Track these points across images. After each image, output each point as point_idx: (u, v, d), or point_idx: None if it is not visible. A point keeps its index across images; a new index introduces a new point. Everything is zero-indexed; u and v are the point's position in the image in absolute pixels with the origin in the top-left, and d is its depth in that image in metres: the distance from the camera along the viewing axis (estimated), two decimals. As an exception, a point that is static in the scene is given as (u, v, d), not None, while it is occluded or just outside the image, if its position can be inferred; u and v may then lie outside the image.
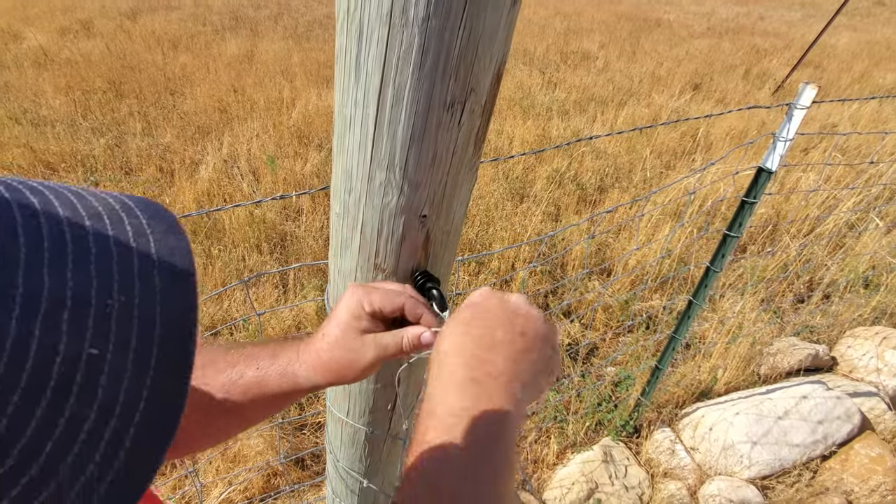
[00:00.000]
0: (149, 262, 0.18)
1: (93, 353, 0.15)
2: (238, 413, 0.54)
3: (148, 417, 0.16)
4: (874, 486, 1.77)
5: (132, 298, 0.16)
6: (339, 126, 0.50)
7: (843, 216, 2.92)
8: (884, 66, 6.48)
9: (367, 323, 0.50)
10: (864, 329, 2.41)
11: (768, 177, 1.29)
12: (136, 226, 0.18)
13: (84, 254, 0.16)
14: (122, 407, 0.15)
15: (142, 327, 0.16)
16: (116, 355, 0.15)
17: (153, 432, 0.16)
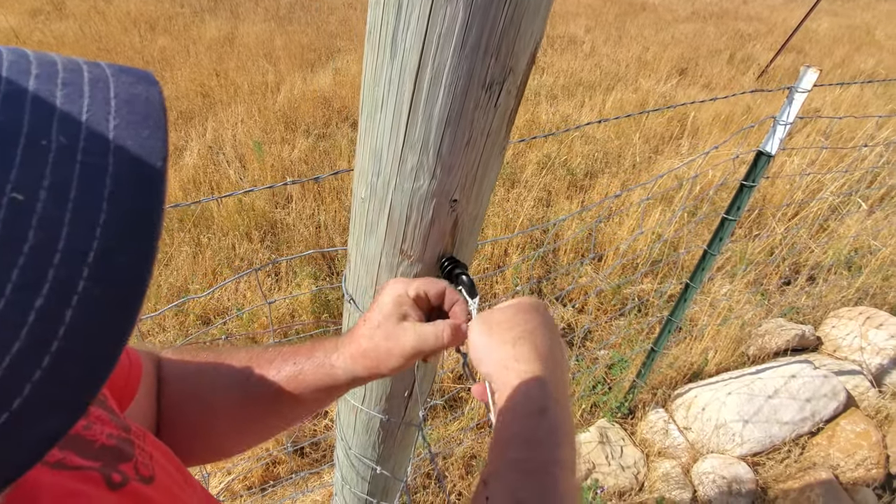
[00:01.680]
0: (104, 103, 0.15)
1: (16, 199, 0.13)
2: (276, 411, 0.53)
3: (98, 281, 0.13)
4: (859, 460, 1.83)
5: (76, 141, 0.14)
6: (368, 106, 0.48)
7: (828, 200, 2.98)
8: (864, 51, 6.58)
9: (409, 309, 0.49)
10: (848, 309, 2.47)
11: (767, 160, 1.30)
12: (96, 73, 0.16)
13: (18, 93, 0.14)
14: (59, 268, 0.13)
15: (86, 174, 0.14)
16: (48, 206, 0.13)
17: (110, 301, 0.13)
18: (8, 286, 0.12)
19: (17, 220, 0.13)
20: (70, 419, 0.13)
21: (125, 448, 0.35)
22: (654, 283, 2.62)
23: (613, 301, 2.50)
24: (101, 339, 0.13)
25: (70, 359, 0.13)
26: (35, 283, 0.13)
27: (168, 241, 2.50)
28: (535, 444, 0.37)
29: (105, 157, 0.14)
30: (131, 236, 0.14)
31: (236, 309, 2.22)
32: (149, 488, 0.34)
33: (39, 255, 0.13)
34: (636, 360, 2.09)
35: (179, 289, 2.30)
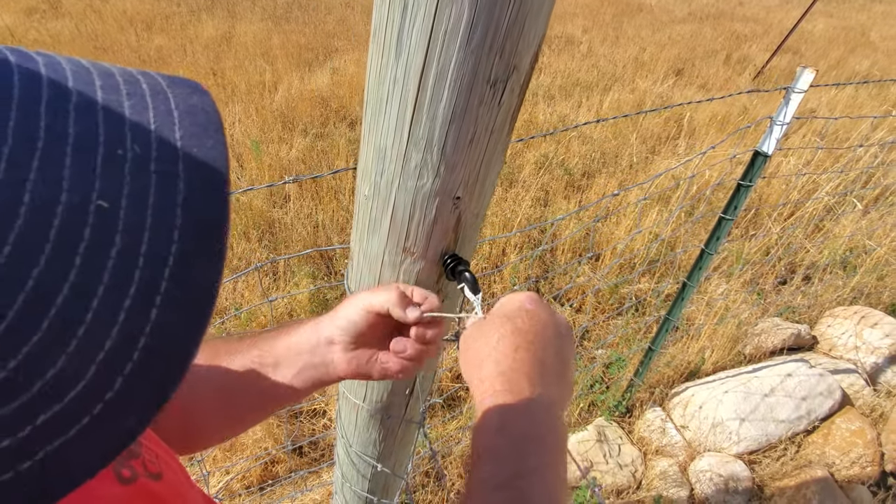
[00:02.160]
0: (168, 114, 0.16)
1: (102, 206, 0.14)
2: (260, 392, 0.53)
3: (178, 285, 0.14)
4: (854, 458, 1.85)
5: (148, 151, 0.15)
6: (372, 105, 0.48)
7: (823, 200, 3.00)
8: (859, 52, 6.62)
9: None
10: (843, 309, 2.49)
11: (764, 160, 1.31)
12: (153, 83, 0.17)
13: (89, 104, 0.15)
14: (144, 268, 0.14)
15: (162, 183, 0.15)
16: (131, 210, 0.14)
17: (188, 301, 0.14)
18: (100, 287, 0.13)
19: (105, 226, 0.14)
20: (147, 416, 0.14)
21: (133, 446, 0.35)
22: (651, 283, 2.63)
23: (611, 300, 2.51)
24: (182, 338, 0.14)
25: (155, 355, 0.14)
26: (123, 284, 0.14)
27: (166, 241, 2.49)
28: (499, 460, 0.37)
29: (176, 166, 0.15)
30: (205, 240, 0.15)
31: (234, 308, 2.22)
32: (157, 484, 0.35)
33: (126, 258, 0.14)
34: (634, 359, 2.10)
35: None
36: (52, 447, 0.13)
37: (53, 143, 0.13)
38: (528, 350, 0.43)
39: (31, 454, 0.12)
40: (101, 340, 0.13)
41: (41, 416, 0.12)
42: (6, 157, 0.13)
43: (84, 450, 0.13)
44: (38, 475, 0.13)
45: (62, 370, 0.12)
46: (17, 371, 0.12)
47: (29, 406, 0.12)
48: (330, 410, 1.92)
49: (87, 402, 0.13)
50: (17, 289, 0.12)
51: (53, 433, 0.13)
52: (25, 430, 0.12)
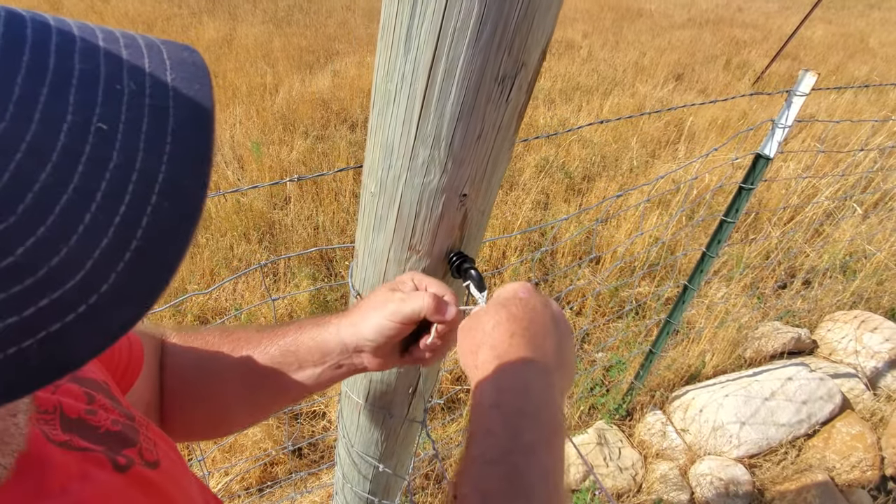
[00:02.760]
0: (162, 63, 0.18)
1: (102, 128, 0.16)
2: (278, 384, 0.55)
3: (167, 197, 0.16)
4: (855, 462, 1.84)
5: (143, 88, 0.17)
6: (380, 102, 0.48)
7: (823, 204, 3.00)
8: (858, 58, 6.65)
9: (400, 286, 0.53)
10: (843, 313, 2.49)
11: (766, 163, 1.31)
12: (149, 41, 0.20)
13: (91, 49, 0.17)
14: (137, 184, 0.16)
15: (154, 113, 0.17)
16: (127, 134, 0.16)
17: (175, 211, 0.17)
18: (98, 193, 0.15)
19: (104, 145, 0.16)
20: (139, 311, 0.16)
21: (129, 434, 0.35)
22: (651, 286, 2.63)
23: (611, 303, 2.51)
24: (169, 245, 0.16)
25: (145, 258, 0.16)
26: (119, 193, 0.16)
27: (166, 241, 2.49)
28: (492, 436, 0.37)
29: (167, 101, 0.17)
30: (192, 164, 0.17)
31: (234, 309, 2.21)
32: (154, 473, 0.35)
33: (122, 172, 0.16)
34: (634, 363, 2.10)
35: (177, 289, 2.29)
36: (52, 329, 0.14)
37: (61, 77, 0.16)
38: (523, 336, 0.43)
39: (33, 332, 0.14)
40: (99, 239, 0.15)
41: (43, 299, 0.14)
42: (19, 86, 0.15)
43: (80, 336, 0.15)
44: (37, 353, 0.14)
45: (63, 261, 0.14)
46: (24, 256, 0.14)
47: (33, 289, 0.14)
48: (330, 412, 1.92)
49: (84, 291, 0.15)
50: (27, 188, 0.14)
51: (53, 316, 0.14)
52: (29, 310, 0.14)
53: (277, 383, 0.54)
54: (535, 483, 0.34)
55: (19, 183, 0.14)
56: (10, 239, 0.14)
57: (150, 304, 0.16)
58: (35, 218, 0.14)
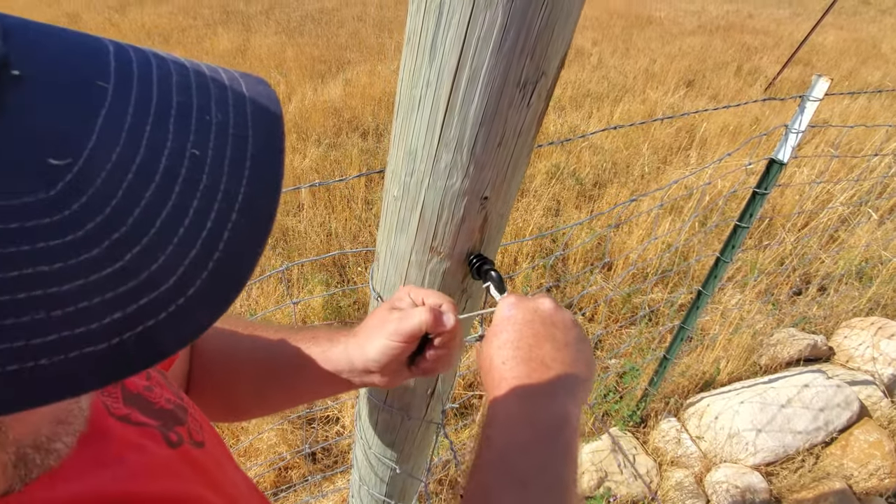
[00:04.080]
0: (241, 97, 0.21)
1: (195, 154, 0.18)
2: (289, 391, 0.58)
3: (244, 214, 0.19)
4: (873, 469, 1.81)
5: (227, 119, 0.20)
6: (404, 107, 0.50)
7: (838, 210, 2.97)
8: (871, 63, 6.60)
9: (406, 305, 0.53)
10: (860, 319, 2.46)
11: (780, 168, 1.31)
12: (231, 75, 0.22)
13: (186, 83, 0.20)
14: (221, 202, 0.18)
15: (236, 141, 0.20)
16: (214, 159, 0.19)
17: (250, 227, 0.19)
18: (191, 210, 0.18)
19: (196, 168, 0.18)
20: (218, 311, 0.18)
21: (180, 414, 0.38)
22: (664, 293, 2.62)
23: (624, 310, 2.51)
24: (244, 255, 0.19)
25: (225, 265, 0.18)
26: (207, 210, 0.18)
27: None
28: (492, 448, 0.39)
29: (246, 131, 0.20)
30: (265, 186, 0.20)
31: (250, 314, 2.24)
32: (199, 452, 0.37)
33: (210, 192, 0.18)
34: (648, 369, 2.09)
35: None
36: (148, 324, 0.17)
37: (162, 108, 0.18)
38: (514, 358, 0.44)
39: (133, 327, 0.16)
40: (189, 249, 0.17)
41: (143, 299, 0.16)
42: (130, 115, 0.18)
43: (169, 331, 0.17)
44: (134, 344, 0.16)
45: (160, 267, 0.17)
46: (130, 262, 0.16)
47: (136, 290, 0.16)
48: (343, 417, 1.93)
49: (175, 293, 0.17)
50: (135, 204, 0.17)
51: (150, 314, 0.17)
52: (132, 307, 0.16)
53: (287, 385, 0.57)
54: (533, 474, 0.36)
55: (130, 199, 0.17)
56: (120, 247, 0.16)
57: (227, 306, 0.18)
58: (141, 230, 0.17)
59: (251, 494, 0.47)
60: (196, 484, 0.35)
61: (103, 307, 0.16)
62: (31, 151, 0.16)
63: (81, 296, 0.16)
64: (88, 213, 0.16)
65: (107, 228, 0.16)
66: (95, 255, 0.16)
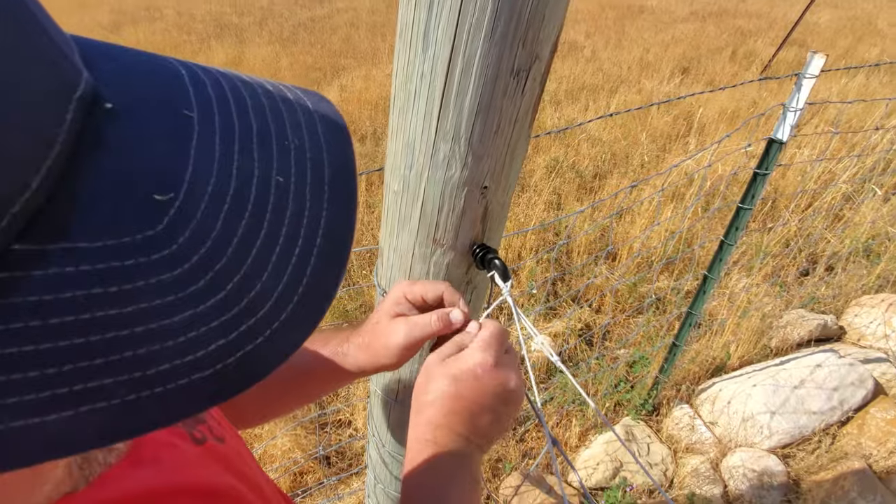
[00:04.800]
0: (312, 117, 0.21)
1: (279, 181, 0.19)
2: (296, 392, 0.59)
3: (327, 238, 0.19)
4: (892, 447, 1.80)
5: (303, 143, 0.20)
6: (400, 101, 0.50)
7: (842, 188, 2.96)
8: (867, 41, 6.56)
9: (404, 308, 0.53)
10: (870, 297, 2.45)
11: (779, 148, 1.31)
12: (295, 94, 0.23)
13: (258, 105, 0.20)
14: (306, 228, 0.19)
15: (314, 166, 0.20)
16: (298, 185, 0.19)
17: (332, 250, 0.19)
18: (281, 237, 0.18)
19: (283, 195, 0.19)
20: (307, 333, 0.19)
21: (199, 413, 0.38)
22: (670, 280, 2.61)
23: (630, 299, 2.50)
24: (329, 280, 0.19)
25: (312, 289, 0.19)
26: (294, 236, 0.19)
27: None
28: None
29: (322, 155, 0.20)
30: (345, 209, 0.20)
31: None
32: (222, 447, 0.38)
33: (296, 219, 0.19)
34: (657, 357, 2.09)
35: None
36: (247, 349, 0.17)
37: (244, 135, 0.19)
38: (460, 415, 0.46)
39: (234, 352, 0.17)
40: (281, 275, 0.18)
41: (243, 325, 0.17)
42: (218, 146, 0.18)
43: (264, 354, 0.18)
44: (235, 368, 0.17)
45: (258, 294, 0.17)
46: (231, 291, 0.17)
47: (237, 317, 0.17)
48: (356, 420, 1.93)
49: (270, 319, 0.18)
50: (232, 234, 0.17)
51: (249, 339, 0.17)
52: (233, 334, 0.17)
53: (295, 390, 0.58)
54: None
55: (228, 230, 0.17)
56: (222, 277, 0.17)
57: (315, 327, 0.19)
58: (239, 258, 0.17)
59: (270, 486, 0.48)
60: (227, 476, 0.36)
61: (209, 335, 0.16)
62: (139, 189, 0.16)
63: (191, 326, 0.16)
64: (193, 245, 0.16)
65: (209, 260, 0.17)
66: (201, 287, 0.16)
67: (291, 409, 0.64)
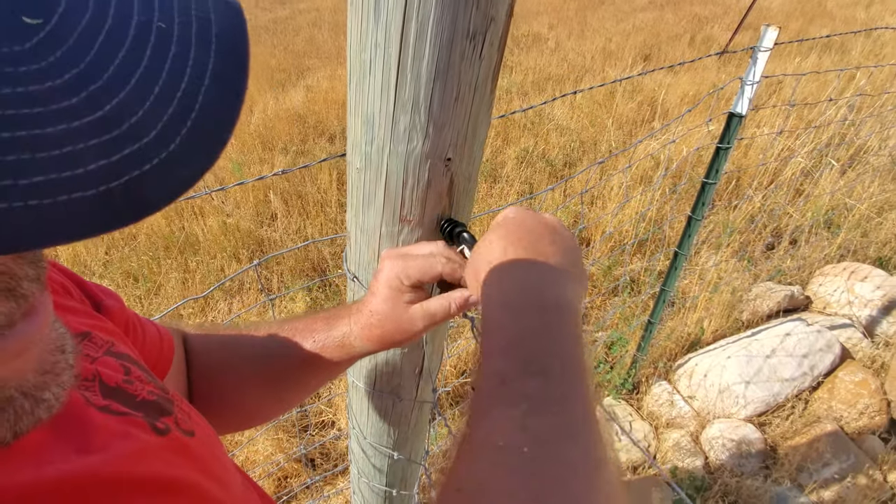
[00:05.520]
0: None
1: (161, 26, 0.19)
2: (301, 382, 0.58)
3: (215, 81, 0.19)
4: (862, 409, 1.87)
5: (189, 3, 0.21)
6: (356, 73, 0.49)
7: (801, 163, 3.06)
8: (818, 22, 6.79)
9: (410, 295, 0.51)
10: (832, 266, 2.54)
11: (739, 121, 1.34)
12: None
13: None
14: (192, 69, 0.19)
15: (200, 22, 0.20)
16: (181, 34, 0.19)
17: (223, 95, 0.20)
18: (164, 73, 0.18)
19: (164, 38, 0.19)
20: (201, 167, 0.19)
21: (165, 405, 0.37)
22: (643, 261, 2.66)
23: (605, 282, 2.53)
24: (221, 116, 0.20)
25: (203, 124, 0.19)
26: (179, 74, 0.19)
27: (156, 270, 2.47)
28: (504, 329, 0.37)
29: (209, 13, 0.21)
30: (234, 58, 0.21)
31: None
32: (190, 440, 0.36)
33: (180, 61, 0.19)
34: (634, 336, 2.12)
35: (171, 315, 2.27)
36: (133, 174, 0.17)
37: None
38: (517, 246, 0.43)
39: (118, 176, 0.17)
40: (166, 107, 0.18)
41: (126, 149, 0.17)
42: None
43: (154, 184, 0.17)
44: (122, 193, 0.17)
45: (140, 120, 0.17)
46: (111, 112, 0.17)
47: (118, 140, 0.17)
48: (339, 420, 1.91)
49: (156, 147, 0.18)
50: (109, 62, 0.17)
51: (134, 164, 0.17)
52: (115, 156, 0.17)
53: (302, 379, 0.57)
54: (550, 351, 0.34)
55: (103, 58, 0.17)
56: (99, 97, 0.17)
57: (210, 163, 0.19)
58: (117, 85, 0.17)
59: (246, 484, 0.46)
60: (189, 470, 0.34)
61: (88, 154, 0.16)
62: (6, 6, 0.16)
63: (66, 140, 0.16)
64: (64, 65, 0.16)
65: (84, 80, 0.17)
66: (75, 104, 0.16)
67: (292, 404, 0.62)
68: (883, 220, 2.92)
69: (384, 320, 0.51)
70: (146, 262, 2.51)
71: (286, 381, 0.56)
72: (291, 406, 0.63)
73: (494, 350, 0.35)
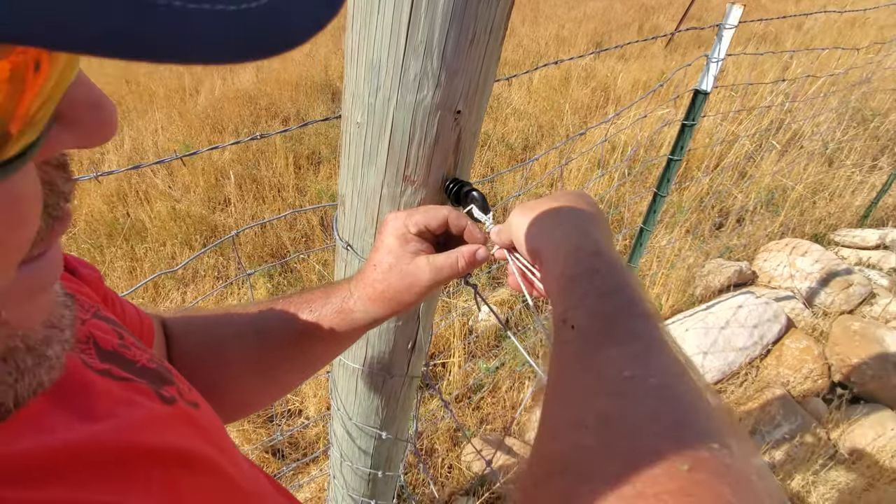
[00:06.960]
0: None
1: None
2: (299, 359, 0.53)
3: None
4: (806, 373, 2.00)
5: None
6: (361, 15, 0.45)
7: (745, 147, 3.22)
8: (753, 14, 7.14)
9: (416, 245, 0.48)
10: (775, 243, 2.69)
11: (704, 98, 1.37)
12: None
13: None
14: None
15: None
16: None
17: None
18: None
19: None
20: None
21: (165, 374, 0.33)
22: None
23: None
24: None
25: None
26: None
27: (99, 258, 2.30)
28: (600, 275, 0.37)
29: None
30: None
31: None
32: (195, 412, 0.32)
33: None
34: (599, 314, 2.17)
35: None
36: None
37: None
38: (554, 203, 0.45)
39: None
40: None
41: None
42: None
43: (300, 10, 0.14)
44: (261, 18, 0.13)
45: None
46: None
47: None
48: (306, 408, 1.85)
49: None
50: None
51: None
52: None
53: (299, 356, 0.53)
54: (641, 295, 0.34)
55: None
56: None
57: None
58: None
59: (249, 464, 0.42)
60: (201, 442, 0.31)
61: None
62: None
63: None
64: None
65: None
66: None
67: (291, 385, 0.58)
68: (817, 200, 3.13)
69: (388, 273, 0.48)
70: (87, 250, 2.33)
71: (281, 361, 0.52)
72: (291, 387, 0.58)
73: (591, 293, 0.34)
